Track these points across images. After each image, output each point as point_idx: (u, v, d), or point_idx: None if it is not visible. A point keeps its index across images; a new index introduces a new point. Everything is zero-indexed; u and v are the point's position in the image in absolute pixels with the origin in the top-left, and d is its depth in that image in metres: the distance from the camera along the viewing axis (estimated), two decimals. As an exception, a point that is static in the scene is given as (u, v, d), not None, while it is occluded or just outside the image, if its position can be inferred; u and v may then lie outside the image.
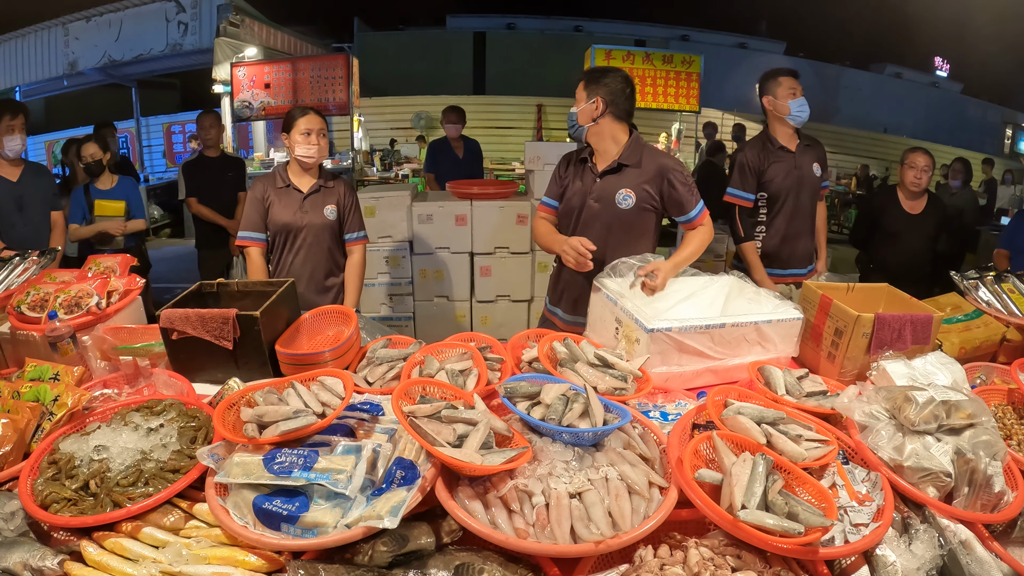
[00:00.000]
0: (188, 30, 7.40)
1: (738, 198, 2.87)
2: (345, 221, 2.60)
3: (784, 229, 2.87)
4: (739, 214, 2.85)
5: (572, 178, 2.28)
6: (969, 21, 8.60)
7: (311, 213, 2.50)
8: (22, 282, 1.98)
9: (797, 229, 2.87)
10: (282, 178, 2.51)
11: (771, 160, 2.83)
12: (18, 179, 3.03)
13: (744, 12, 13.46)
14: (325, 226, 2.53)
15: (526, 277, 4.05)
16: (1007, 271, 2.13)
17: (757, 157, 2.84)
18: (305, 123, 2.41)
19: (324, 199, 2.53)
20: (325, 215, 2.52)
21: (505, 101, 12.02)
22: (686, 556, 1.04)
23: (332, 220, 2.54)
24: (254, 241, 2.50)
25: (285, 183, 2.50)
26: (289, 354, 1.70)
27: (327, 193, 2.54)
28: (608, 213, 2.18)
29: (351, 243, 2.63)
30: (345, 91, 5.75)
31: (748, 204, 2.88)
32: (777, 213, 2.87)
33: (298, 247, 2.52)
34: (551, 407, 1.29)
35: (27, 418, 1.32)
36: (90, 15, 7.75)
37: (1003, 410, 1.52)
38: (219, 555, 1.05)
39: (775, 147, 2.83)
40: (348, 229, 2.61)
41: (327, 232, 2.54)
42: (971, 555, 1.11)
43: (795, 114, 2.75)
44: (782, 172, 2.82)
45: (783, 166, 2.82)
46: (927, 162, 3.29)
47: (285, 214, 2.48)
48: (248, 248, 2.50)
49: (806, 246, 2.94)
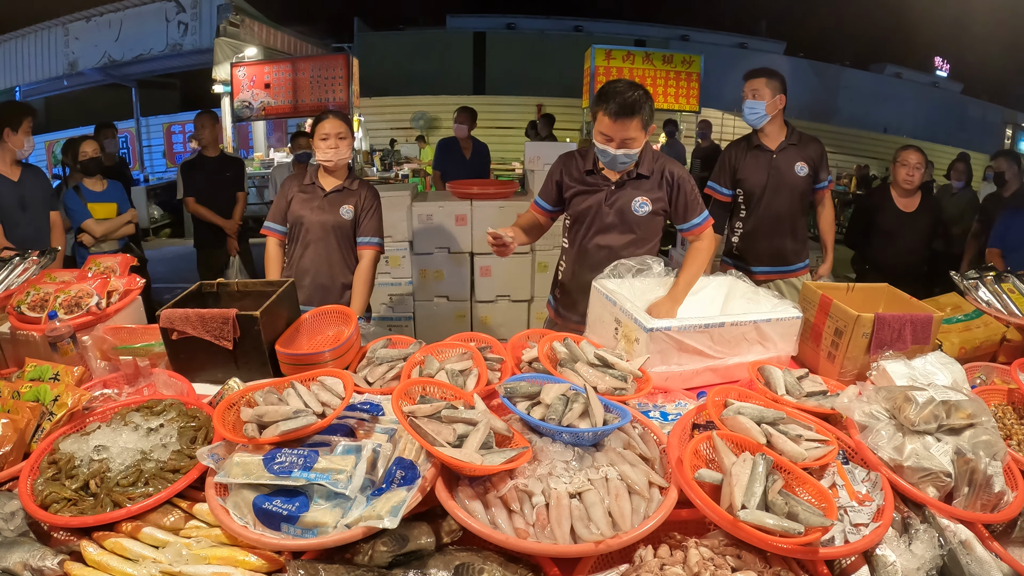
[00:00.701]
0: (188, 30, 7.40)
1: (713, 191, 2.94)
2: (360, 223, 2.60)
3: (755, 227, 2.89)
4: (713, 206, 2.82)
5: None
6: (969, 21, 8.60)
7: (327, 211, 2.54)
8: (22, 282, 1.97)
9: (769, 228, 2.87)
10: (310, 176, 2.59)
11: (747, 158, 2.86)
12: (19, 179, 3.04)
13: (744, 12, 13.49)
14: (337, 225, 2.55)
15: (526, 277, 4.05)
16: (1007, 271, 2.13)
17: (734, 154, 2.89)
18: (325, 127, 2.46)
19: (343, 199, 2.57)
20: (340, 214, 2.55)
21: (505, 101, 12.03)
22: (686, 556, 1.04)
23: (346, 220, 2.56)
24: (273, 232, 2.62)
25: (311, 181, 2.58)
26: (289, 354, 1.70)
27: (348, 194, 2.58)
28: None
29: (362, 247, 2.61)
30: (345, 91, 5.74)
31: (724, 199, 2.92)
32: (751, 211, 2.89)
33: (307, 242, 2.56)
34: (551, 407, 1.29)
35: (27, 418, 1.32)
36: (90, 15, 7.75)
37: (1003, 410, 1.52)
38: (219, 555, 1.05)
39: (752, 145, 2.86)
40: (361, 232, 2.61)
41: (337, 231, 2.56)
42: (971, 555, 1.11)
43: (745, 115, 2.80)
44: (756, 170, 2.84)
45: (757, 164, 2.84)
46: (919, 159, 3.30)
47: (301, 208, 2.55)
48: (268, 237, 2.62)
49: (779, 246, 2.91)
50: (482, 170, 5.12)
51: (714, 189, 2.94)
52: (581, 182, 2.21)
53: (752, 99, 2.76)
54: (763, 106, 2.75)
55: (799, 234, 2.96)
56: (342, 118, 2.51)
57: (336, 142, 2.47)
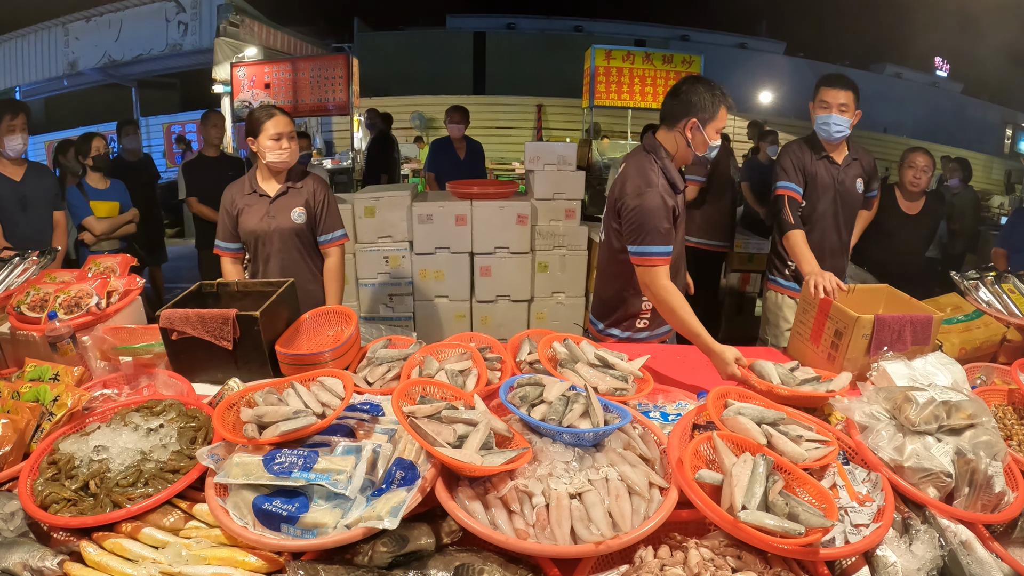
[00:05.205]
0: (188, 30, 7.40)
1: (789, 190, 2.62)
2: (318, 222, 2.46)
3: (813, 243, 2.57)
4: (788, 204, 2.59)
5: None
6: (969, 21, 8.59)
7: (278, 218, 2.39)
8: (22, 282, 1.97)
9: (815, 243, 2.58)
10: (250, 184, 2.41)
11: (816, 167, 2.64)
12: (21, 178, 3.04)
13: (744, 12, 13.48)
14: (292, 231, 2.40)
15: (526, 277, 4.05)
16: (1007, 271, 2.12)
17: (801, 159, 2.65)
18: (274, 126, 2.28)
19: (291, 202, 2.41)
20: (292, 218, 2.39)
21: (505, 101, 12.03)
22: (686, 557, 1.04)
23: (300, 223, 2.41)
24: (226, 251, 2.46)
25: (252, 189, 2.40)
26: (289, 354, 1.70)
27: (294, 195, 2.42)
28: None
29: (327, 245, 2.48)
30: (345, 91, 5.74)
31: (798, 197, 2.63)
32: (809, 225, 2.65)
33: (267, 254, 2.42)
34: (552, 407, 1.29)
35: (27, 418, 1.32)
36: (90, 15, 7.75)
37: (1003, 410, 1.52)
38: (219, 555, 1.05)
39: (820, 154, 2.64)
40: (322, 231, 2.46)
41: (296, 237, 2.42)
42: (971, 555, 1.11)
43: (817, 128, 2.59)
44: (823, 184, 2.64)
45: (826, 177, 2.63)
46: (927, 162, 3.29)
47: (252, 221, 2.39)
48: (222, 258, 2.47)
49: (833, 264, 2.62)
50: (477, 169, 5.11)
51: (788, 188, 2.62)
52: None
53: (839, 114, 2.50)
54: (849, 123, 2.52)
55: (844, 252, 2.79)
56: (289, 116, 2.36)
57: (288, 142, 2.31)
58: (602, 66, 6.19)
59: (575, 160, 4.01)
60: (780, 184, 2.65)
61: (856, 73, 12.83)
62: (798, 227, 2.54)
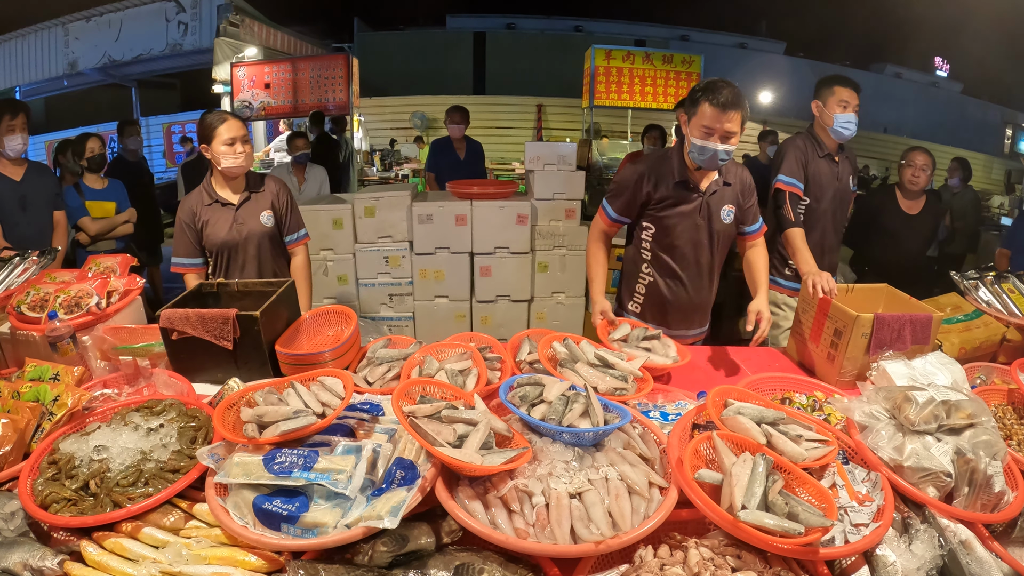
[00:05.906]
0: (188, 30, 7.40)
1: (790, 185, 2.63)
2: (284, 223, 2.46)
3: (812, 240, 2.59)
4: (789, 199, 2.60)
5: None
6: (969, 21, 8.60)
7: (248, 223, 2.36)
8: (22, 282, 1.97)
9: (816, 241, 2.64)
10: (209, 194, 2.35)
11: (818, 163, 2.66)
12: (22, 178, 3.03)
13: (744, 12, 13.48)
14: (265, 234, 2.39)
15: (526, 277, 4.05)
16: (1007, 271, 2.13)
17: (803, 155, 2.67)
18: (227, 131, 2.22)
19: (256, 206, 2.38)
20: (262, 222, 2.38)
21: (505, 101, 12.03)
22: (686, 556, 1.04)
23: (270, 226, 2.40)
24: (189, 267, 2.37)
25: (213, 199, 2.34)
26: (289, 354, 1.70)
27: (259, 199, 2.40)
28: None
29: (293, 244, 2.50)
30: (345, 91, 5.75)
31: (800, 193, 2.65)
32: (808, 220, 2.67)
33: (243, 261, 2.38)
34: (551, 407, 1.29)
35: (27, 418, 1.32)
36: (90, 15, 7.76)
37: (1003, 410, 1.52)
38: (219, 555, 1.05)
39: (822, 151, 2.66)
40: (288, 231, 2.48)
41: (268, 240, 2.41)
42: (971, 555, 1.11)
43: (838, 128, 2.59)
44: (824, 180, 2.67)
45: (827, 173, 2.67)
46: (926, 161, 3.28)
47: (220, 231, 2.33)
48: (185, 275, 2.38)
49: (825, 263, 2.65)
50: (477, 169, 5.10)
51: (789, 183, 2.64)
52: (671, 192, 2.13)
53: (851, 112, 2.56)
54: (856, 120, 2.59)
55: (838, 249, 2.84)
56: (240, 119, 2.30)
57: (242, 146, 2.25)
58: (602, 66, 6.20)
59: (575, 160, 4.01)
60: (783, 179, 2.64)
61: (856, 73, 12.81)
62: (798, 225, 2.53)
